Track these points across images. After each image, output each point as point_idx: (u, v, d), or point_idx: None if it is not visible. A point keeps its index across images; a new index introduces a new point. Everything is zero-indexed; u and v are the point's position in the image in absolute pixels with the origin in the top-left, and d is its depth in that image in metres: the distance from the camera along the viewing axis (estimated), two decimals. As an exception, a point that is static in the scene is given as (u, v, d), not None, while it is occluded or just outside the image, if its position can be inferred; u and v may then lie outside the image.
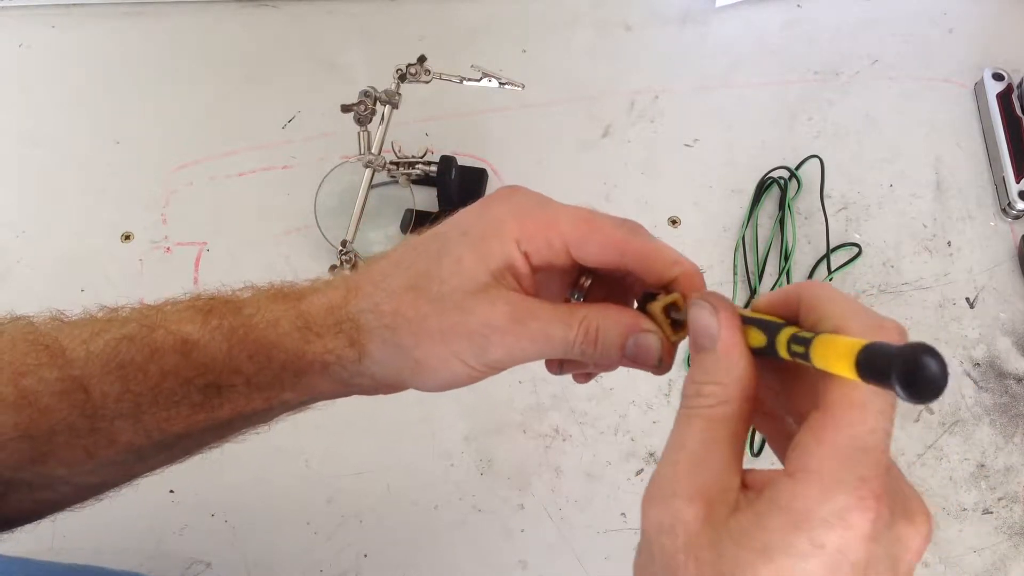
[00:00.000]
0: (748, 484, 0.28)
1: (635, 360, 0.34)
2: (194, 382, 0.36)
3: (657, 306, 0.35)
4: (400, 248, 0.37)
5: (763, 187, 0.75)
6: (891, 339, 0.26)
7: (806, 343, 0.26)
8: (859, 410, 0.25)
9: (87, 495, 0.41)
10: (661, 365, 0.35)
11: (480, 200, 0.36)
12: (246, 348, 0.35)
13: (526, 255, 0.34)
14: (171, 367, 0.35)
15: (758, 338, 0.30)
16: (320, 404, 0.39)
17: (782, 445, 0.32)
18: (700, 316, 0.30)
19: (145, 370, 0.35)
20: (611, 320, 0.34)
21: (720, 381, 0.29)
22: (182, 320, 0.36)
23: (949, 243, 0.73)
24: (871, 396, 0.25)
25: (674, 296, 0.35)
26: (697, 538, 0.26)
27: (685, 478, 0.27)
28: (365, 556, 0.64)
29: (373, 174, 0.69)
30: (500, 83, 0.69)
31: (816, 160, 0.75)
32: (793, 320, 0.30)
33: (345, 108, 0.66)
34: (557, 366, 0.39)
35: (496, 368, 0.35)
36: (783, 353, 0.28)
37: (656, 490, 0.28)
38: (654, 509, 0.27)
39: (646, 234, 0.35)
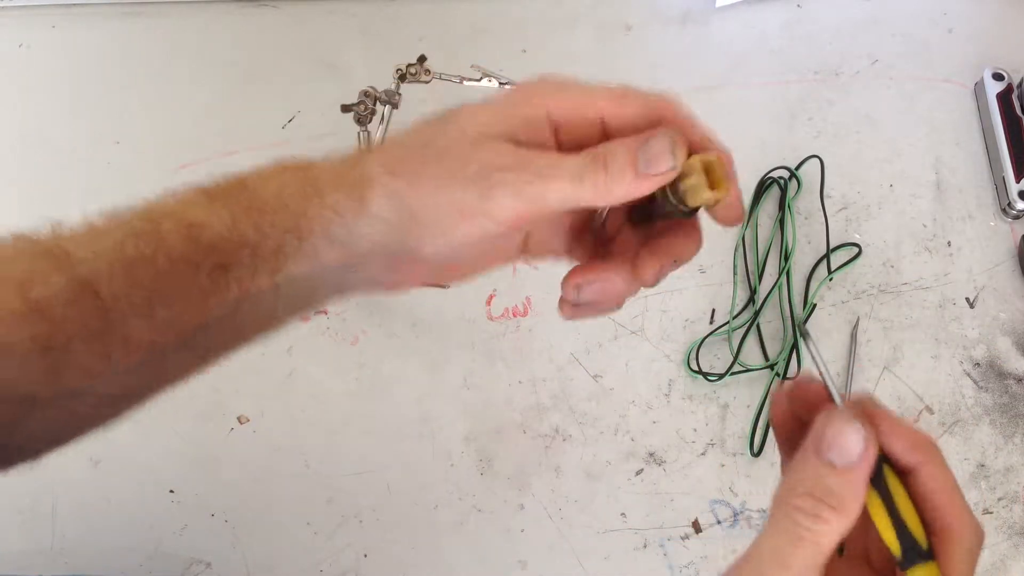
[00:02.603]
0: None
1: (651, 166, 0.33)
2: (202, 266, 0.35)
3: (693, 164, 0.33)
4: (417, 124, 0.36)
5: (763, 187, 0.75)
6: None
7: None
8: None
9: (115, 410, 0.40)
10: (676, 167, 0.33)
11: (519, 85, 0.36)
12: (251, 216, 0.35)
13: (556, 129, 0.34)
14: (179, 254, 0.35)
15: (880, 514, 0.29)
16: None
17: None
18: (844, 432, 0.28)
19: (153, 261, 0.35)
20: (616, 143, 0.33)
21: (845, 509, 0.28)
22: (188, 206, 0.36)
23: (949, 243, 0.73)
24: None
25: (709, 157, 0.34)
26: None
27: None
28: (365, 556, 0.64)
29: (373, 174, 0.69)
30: (500, 83, 0.69)
31: (816, 160, 0.75)
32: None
33: (345, 108, 0.66)
34: (570, 309, 0.38)
35: (503, 222, 0.33)
36: (895, 550, 0.29)
37: None
38: None
39: (681, 107, 0.34)
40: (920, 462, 0.29)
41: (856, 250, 0.73)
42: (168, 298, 0.35)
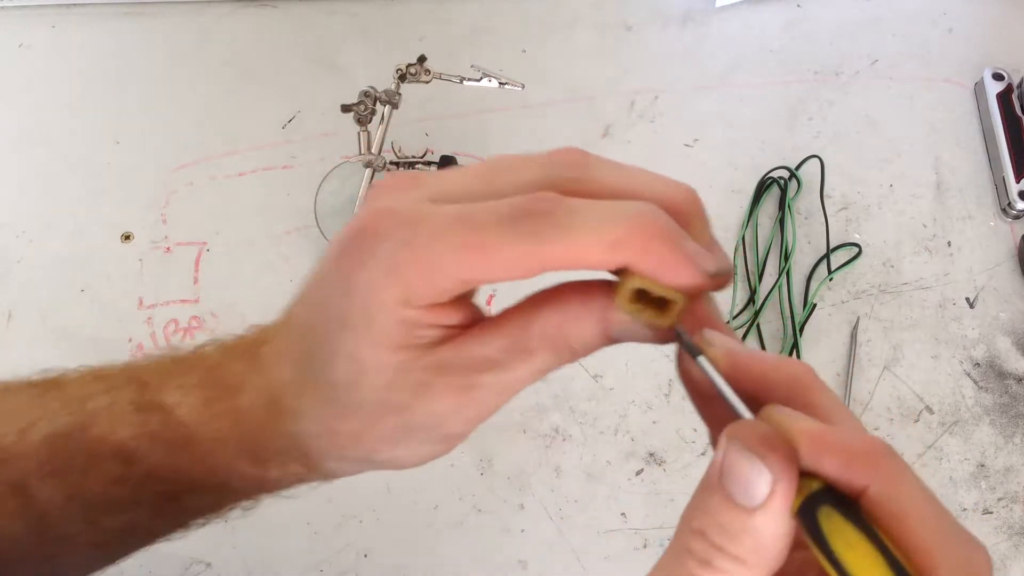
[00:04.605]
0: None
1: (626, 340, 0.28)
2: (145, 489, 0.31)
3: (624, 294, 0.26)
4: (290, 334, 0.30)
5: (763, 187, 0.75)
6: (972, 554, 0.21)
7: None
8: None
9: None
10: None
11: (330, 261, 0.27)
12: (198, 470, 0.31)
13: (428, 306, 0.26)
14: (115, 476, 0.31)
15: (864, 552, 0.20)
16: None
17: None
18: (739, 464, 0.21)
19: (86, 475, 0.31)
20: (576, 320, 0.27)
21: (746, 560, 0.21)
22: (114, 420, 0.31)
23: (949, 243, 0.73)
24: None
25: (634, 282, 0.26)
26: None
27: None
28: (365, 556, 0.64)
29: (373, 174, 0.69)
30: (500, 83, 0.69)
31: (816, 160, 0.75)
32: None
33: (345, 108, 0.66)
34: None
35: (470, 433, 0.29)
36: None
37: None
38: None
39: (555, 228, 0.24)
40: (868, 482, 0.21)
41: (856, 250, 0.73)
42: (111, 512, 0.32)
